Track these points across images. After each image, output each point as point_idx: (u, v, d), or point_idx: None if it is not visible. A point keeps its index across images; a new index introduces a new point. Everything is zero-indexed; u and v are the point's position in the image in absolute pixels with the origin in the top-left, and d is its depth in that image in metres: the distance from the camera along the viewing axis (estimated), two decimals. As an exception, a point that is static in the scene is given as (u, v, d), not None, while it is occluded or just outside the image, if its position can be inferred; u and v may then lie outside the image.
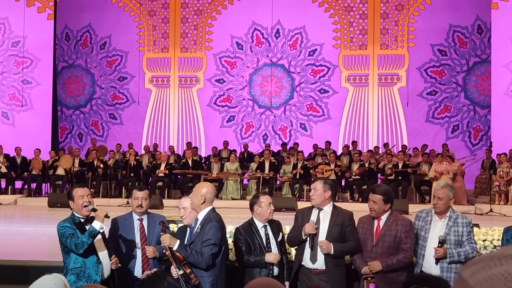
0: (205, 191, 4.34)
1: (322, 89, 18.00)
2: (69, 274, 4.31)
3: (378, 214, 4.66)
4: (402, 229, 4.56)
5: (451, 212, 4.73)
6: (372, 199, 4.67)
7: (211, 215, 4.31)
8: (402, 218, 4.67)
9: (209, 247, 4.16)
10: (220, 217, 4.39)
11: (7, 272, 6.03)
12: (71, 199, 4.47)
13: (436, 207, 4.68)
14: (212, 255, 4.16)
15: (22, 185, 15.30)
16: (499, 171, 13.35)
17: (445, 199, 4.67)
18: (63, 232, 4.31)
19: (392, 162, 14.15)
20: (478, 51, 17.40)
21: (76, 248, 4.23)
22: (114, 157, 15.53)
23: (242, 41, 18.31)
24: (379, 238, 4.60)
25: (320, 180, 4.84)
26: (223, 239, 4.32)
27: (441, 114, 17.46)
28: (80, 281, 4.27)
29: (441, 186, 4.71)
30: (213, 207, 4.37)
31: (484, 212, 12.56)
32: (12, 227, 10.41)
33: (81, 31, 18.83)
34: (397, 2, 17.72)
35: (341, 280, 4.68)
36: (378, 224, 4.66)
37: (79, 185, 4.68)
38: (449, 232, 4.63)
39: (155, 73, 18.53)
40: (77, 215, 4.45)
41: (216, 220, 4.28)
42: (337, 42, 17.92)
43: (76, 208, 4.44)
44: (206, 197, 4.32)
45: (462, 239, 4.63)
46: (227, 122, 18.33)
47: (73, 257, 4.33)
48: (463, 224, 4.66)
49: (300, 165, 14.45)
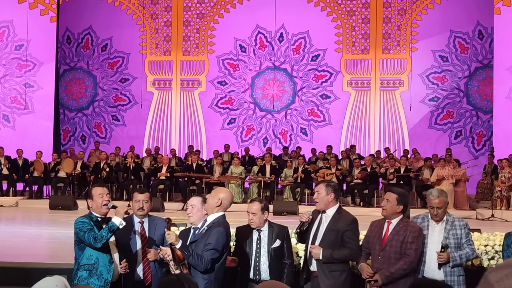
0: (223, 196, 4.39)
1: (324, 94, 17.99)
2: (81, 270, 4.35)
3: (389, 214, 4.62)
4: (410, 234, 4.51)
5: (447, 216, 4.75)
6: (387, 197, 4.67)
7: (220, 221, 4.33)
8: (412, 225, 4.63)
9: (211, 251, 4.17)
10: (228, 224, 4.41)
11: (8, 274, 6.03)
12: (90, 197, 4.53)
13: (437, 216, 4.70)
14: (211, 260, 4.17)
15: (24, 187, 15.31)
16: (500, 176, 13.34)
17: (444, 206, 4.71)
18: (81, 227, 4.35)
19: (394, 166, 14.14)
20: (480, 56, 17.39)
21: (95, 241, 4.26)
22: (114, 159, 15.54)
23: (245, 44, 18.32)
24: (387, 242, 4.57)
25: (323, 183, 4.81)
26: (226, 246, 4.33)
27: (443, 120, 17.44)
28: (91, 278, 4.31)
29: (436, 196, 4.70)
30: (224, 214, 4.40)
31: (486, 217, 12.54)
32: (13, 229, 10.41)
33: (82, 34, 18.85)
34: (399, 7, 17.73)
35: (337, 285, 4.58)
36: (388, 227, 4.63)
37: (98, 184, 4.78)
38: (448, 236, 4.64)
39: (157, 76, 18.55)
40: (95, 213, 4.50)
41: (224, 227, 4.30)
42: (339, 46, 17.93)
43: (95, 206, 4.50)
44: (223, 202, 4.36)
45: (461, 242, 4.64)
46: (228, 124, 18.33)
47: (87, 254, 4.36)
48: (460, 227, 4.68)
49: (301, 169, 14.44)
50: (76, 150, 17.25)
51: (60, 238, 8.96)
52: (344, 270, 4.67)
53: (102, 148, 17.41)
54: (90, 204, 4.55)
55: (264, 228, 4.76)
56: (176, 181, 15.11)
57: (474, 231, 6.79)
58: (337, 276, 4.60)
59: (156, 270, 4.71)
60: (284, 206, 12.94)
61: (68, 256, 6.67)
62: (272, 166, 14.76)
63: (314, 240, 4.70)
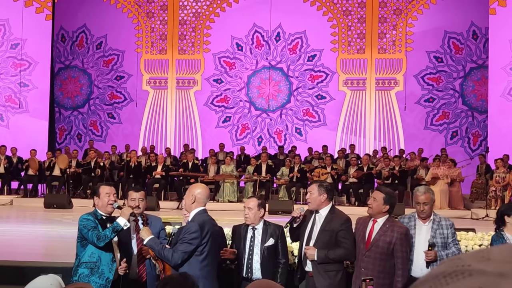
0: (197, 192, 4.30)
1: (320, 95, 18.00)
2: (82, 267, 4.34)
3: (375, 212, 4.60)
4: (398, 236, 4.50)
5: (433, 215, 4.76)
6: (374, 195, 4.66)
7: (198, 216, 4.24)
8: (399, 225, 4.61)
9: (182, 245, 4.09)
10: (208, 218, 4.28)
11: (2, 273, 6.02)
12: (96, 195, 4.57)
13: (423, 212, 4.69)
14: (183, 253, 4.07)
15: (18, 186, 15.26)
16: (495, 176, 13.38)
17: (430, 203, 4.71)
18: (85, 224, 4.35)
19: (389, 166, 14.17)
20: (474, 56, 17.44)
21: (98, 240, 4.26)
22: (110, 158, 15.51)
23: (242, 42, 18.31)
24: (373, 242, 4.55)
25: (316, 183, 4.79)
26: (203, 239, 4.15)
27: (439, 121, 17.48)
28: (93, 276, 4.31)
29: (423, 192, 4.71)
30: (204, 209, 4.30)
31: (480, 217, 12.58)
32: (8, 227, 10.38)
33: (77, 32, 18.80)
34: (395, 7, 17.76)
35: (333, 285, 4.58)
36: (373, 226, 4.61)
37: (106, 183, 4.82)
38: (435, 235, 4.65)
39: (153, 75, 18.53)
40: (100, 212, 4.53)
41: (199, 221, 4.18)
42: (335, 46, 17.95)
43: (100, 204, 4.54)
44: (196, 197, 4.26)
45: (448, 241, 4.66)
46: (223, 122, 18.33)
47: (89, 251, 4.35)
48: (447, 226, 4.69)
49: (297, 169, 14.46)
50: (72, 148, 17.18)
51: (55, 236, 8.96)
52: (340, 269, 4.67)
53: (98, 146, 17.40)
54: (96, 202, 4.58)
55: (259, 226, 4.76)
56: (172, 180, 15.10)
57: (469, 231, 6.83)
58: (333, 276, 4.60)
59: (151, 268, 4.73)
60: (280, 205, 12.96)
61: (63, 254, 6.67)
62: (268, 166, 14.78)
63: (309, 241, 4.69)
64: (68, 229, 8.63)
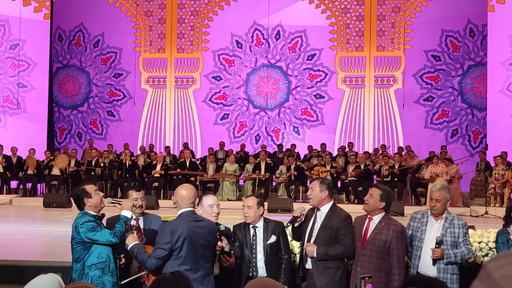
0: (177, 195, 4.17)
1: (318, 94, 17.99)
2: (93, 269, 4.20)
3: (371, 209, 4.61)
4: (393, 234, 4.49)
5: (447, 214, 4.73)
6: (371, 192, 4.66)
7: (176, 219, 4.13)
8: (394, 223, 4.61)
9: (157, 250, 4.01)
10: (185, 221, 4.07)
11: (2, 272, 6.02)
12: (87, 196, 4.32)
13: (434, 209, 4.68)
14: (157, 259, 3.98)
15: (17, 185, 15.25)
16: (494, 174, 13.39)
17: (443, 200, 4.68)
18: (90, 227, 4.19)
19: (388, 163, 14.17)
20: (472, 54, 17.43)
21: (115, 236, 4.18)
22: (108, 157, 15.51)
23: (242, 40, 18.29)
24: (369, 241, 4.55)
25: (317, 180, 4.80)
26: (176, 243, 4.00)
27: (439, 119, 17.47)
28: (105, 275, 4.22)
29: (438, 188, 4.71)
30: (188, 210, 4.13)
31: (480, 214, 12.60)
32: (7, 227, 10.38)
33: (74, 31, 18.79)
34: (393, 4, 17.75)
35: (332, 282, 4.57)
36: (368, 224, 4.61)
37: (87, 182, 4.61)
38: (445, 233, 4.63)
39: (151, 74, 18.51)
40: (91, 212, 4.33)
41: (171, 225, 4.09)
42: (333, 44, 17.93)
43: (93, 204, 4.33)
44: (177, 201, 4.16)
45: (458, 241, 4.63)
46: (221, 119, 18.32)
47: (95, 252, 4.22)
48: (459, 226, 4.66)
49: (294, 167, 14.45)
50: (73, 147, 17.12)
51: (54, 236, 8.95)
52: (339, 267, 4.66)
53: (99, 144, 17.39)
54: (87, 202, 4.33)
55: (259, 224, 4.76)
56: (171, 179, 15.10)
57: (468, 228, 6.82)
58: (333, 274, 4.59)
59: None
60: (279, 203, 12.96)
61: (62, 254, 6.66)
62: (267, 164, 14.78)
63: (310, 238, 4.69)
64: (68, 228, 8.56)
